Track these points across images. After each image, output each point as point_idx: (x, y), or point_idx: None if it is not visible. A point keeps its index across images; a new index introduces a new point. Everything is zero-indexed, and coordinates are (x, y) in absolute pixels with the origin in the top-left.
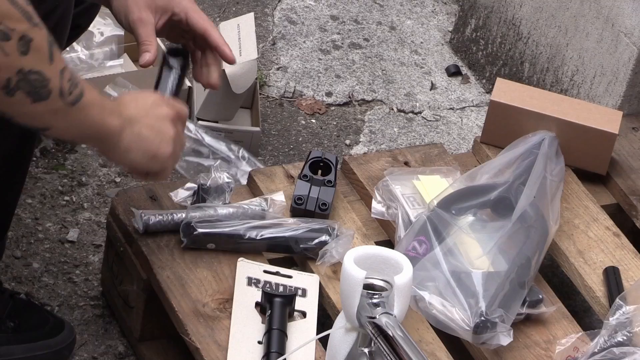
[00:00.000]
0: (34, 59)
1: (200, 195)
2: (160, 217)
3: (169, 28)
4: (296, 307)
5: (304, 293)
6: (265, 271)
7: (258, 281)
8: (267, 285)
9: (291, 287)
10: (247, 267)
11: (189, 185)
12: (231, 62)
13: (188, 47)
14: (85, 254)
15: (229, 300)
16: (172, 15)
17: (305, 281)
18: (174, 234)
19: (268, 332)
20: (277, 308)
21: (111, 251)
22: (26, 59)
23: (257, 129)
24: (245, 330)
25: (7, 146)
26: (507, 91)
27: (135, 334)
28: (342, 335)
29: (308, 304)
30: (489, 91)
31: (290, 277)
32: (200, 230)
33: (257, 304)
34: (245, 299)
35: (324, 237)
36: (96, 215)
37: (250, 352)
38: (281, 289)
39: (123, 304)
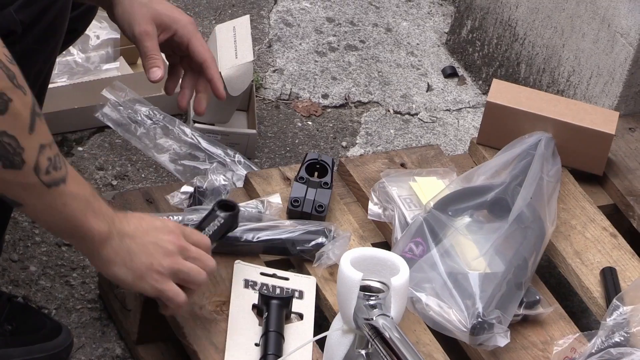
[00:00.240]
0: (10, 122)
1: (197, 198)
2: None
3: (165, 44)
4: (293, 309)
5: (300, 295)
6: (262, 273)
7: (255, 283)
8: (264, 287)
9: (288, 289)
10: (244, 270)
11: (185, 188)
12: (221, 98)
13: (177, 65)
14: (82, 257)
15: (226, 302)
16: (173, 35)
17: (302, 283)
18: None
19: (265, 335)
20: (274, 310)
21: None
22: (1, 119)
23: (254, 131)
24: (242, 333)
25: None
26: (503, 92)
27: (133, 336)
28: (339, 337)
29: (305, 306)
30: (485, 92)
31: (287, 279)
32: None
33: (254, 306)
34: (242, 301)
35: (320, 239)
36: None
37: (247, 354)
38: (278, 291)
39: (120, 306)
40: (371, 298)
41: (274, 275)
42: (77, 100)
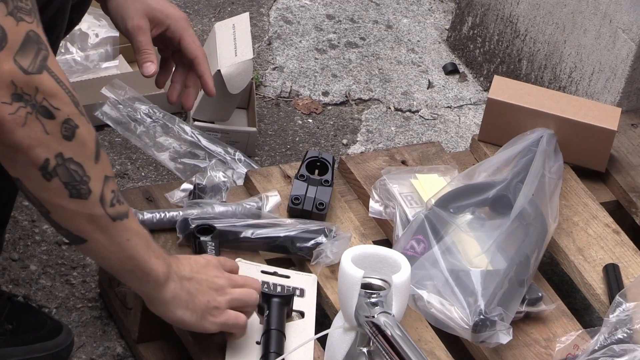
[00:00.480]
0: (77, 149)
1: (197, 195)
2: (156, 214)
3: (157, 39)
4: (294, 307)
5: (302, 293)
6: (263, 271)
7: None
8: (265, 285)
9: (289, 287)
10: (245, 268)
11: (184, 186)
12: (210, 94)
13: (169, 58)
14: (83, 256)
15: None
16: (165, 30)
17: (303, 281)
18: (170, 233)
19: (266, 333)
20: (275, 308)
21: None
22: (68, 145)
23: (254, 129)
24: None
25: None
26: (504, 89)
27: (134, 335)
28: (340, 334)
29: (306, 304)
30: (487, 89)
31: (288, 277)
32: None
33: None
34: None
35: (320, 238)
36: None
37: (248, 352)
38: (279, 289)
39: (121, 305)
40: (372, 296)
41: (275, 274)
42: None
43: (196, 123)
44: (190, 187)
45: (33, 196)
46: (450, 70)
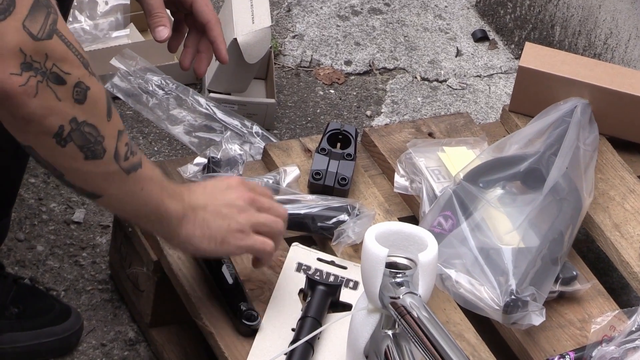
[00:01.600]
0: (90, 111)
1: (211, 169)
2: None
3: (169, 1)
4: (344, 300)
5: (355, 286)
6: (319, 259)
7: (308, 268)
8: (317, 273)
9: (343, 278)
10: (300, 253)
11: (198, 160)
12: (223, 61)
13: (182, 21)
14: (92, 235)
15: (267, 283)
16: None
17: (359, 274)
18: None
19: (301, 320)
20: (317, 296)
21: (119, 232)
22: (81, 108)
23: (272, 100)
24: (280, 316)
25: None
26: (536, 56)
27: (146, 319)
28: (364, 317)
29: (357, 298)
30: (518, 57)
31: (344, 268)
32: None
33: (300, 291)
34: (290, 284)
35: (342, 216)
36: None
37: (280, 337)
38: (332, 279)
39: (133, 287)
40: (398, 275)
41: (332, 263)
42: None
43: (211, 95)
44: (204, 160)
45: (46, 162)
46: (480, 37)
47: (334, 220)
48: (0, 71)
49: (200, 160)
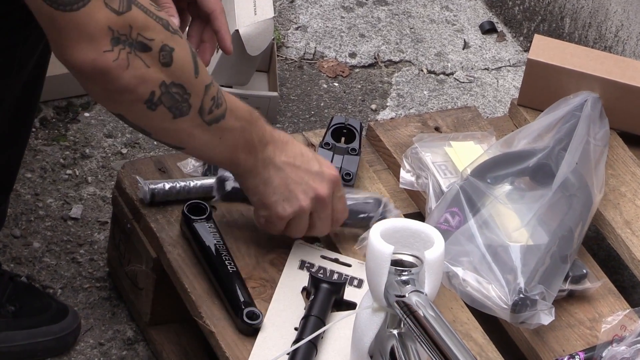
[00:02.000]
0: (177, 72)
1: (212, 165)
2: (168, 184)
3: None
4: (347, 298)
5: (359, 284)
6: (322, 256)
7: (312, 265)
8: (321, 270)
9: (347, 276)
10: (303, 250)
11: None
12: (227, 52)
13: (184, 10)
14: (90, 231)
15: (270, 280)
16: None
17: (364, 272)
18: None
19: (305, 318)
20: (321, 294)
21: (118, 228)
22: (169, 71)
23: (275, 94)
24: (283, 315)
25: (12, 94)
26: (546, 49)
27: (145, 317)
28: (368, 316)
29: (362, 296)
30: (527, 49)
31: (349, 265)
32: (234, 184)
33: (304, 289)
34: (293, 282)
35: (371, 213)
36: (101, 189)
37: (283, 337)
38: (335, 276)
39: (131, 285)
40: (403, 273)
41: (336, 260)
42: None
43: None
44: None
45: (135, 125)
46: (488, 29)
47: (362, 216)
48: (95, 51)
49: None
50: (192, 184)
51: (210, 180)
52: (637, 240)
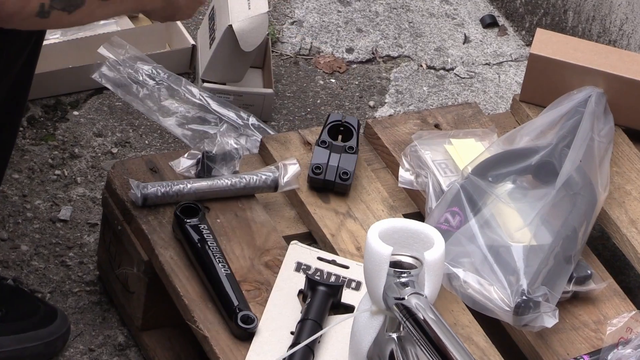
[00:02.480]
0: None
1: (205, 164)
2: (160, 186)
3: None
4: (345, 301)
5: (357, 287)
6: (319, 258)
7: (308, 268)
8: (317, 273)
9: (344, 278)
10: (299, 252)
11: (191, 153)
12: None
13: None
14: (80, 234)
15: (265, 283)
16: None
17: (362, 274)
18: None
19: (301, 322)
20: (318, 297)
21: (108, 230)
22: None
23: (270, 90)
24: (279, 319)
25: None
26: (548, 43)
27: (137, 322)
28: (366, 319)
29: (360, 299)
30: (529, 43)
31: (346, 267)
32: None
33: (300, 292)
34: (289, 285)
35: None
36: (91, 190)
37: (279, 341)
38: (333, 279)
39: (122, 289)
40: (402, 275)
41: (333, 262)
42: (71, 58)
43: (205, 84)
44: (198, 155)
45: (34, 32)
46: (489, 23)
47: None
48: None
49: (194, 153)
50: (187, 187)
51: (205, 183)
52: None
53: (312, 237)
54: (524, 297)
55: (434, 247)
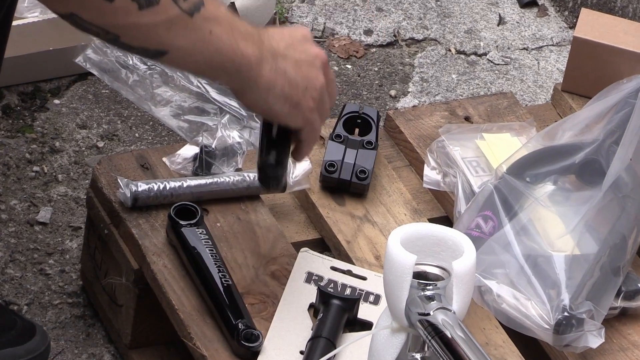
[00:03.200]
0: None
1: (204, 160)
2: (153, 185)
3: None
4: (362, 316)
5: (376, 300)
6: (333, 268)
7: (320, 279)
8: (331, 284)
9: (362, 290)
10: (310, 260)
11: (187, 149)
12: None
13: None
14: (61, 238)
15: (271, 296)
16: None
17: (381, 286)
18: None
19: (312, 340)
20: (332, 312)
21: (93, 235)
22: None
23: None
24: (286, 336)
25: None
26: (595, 25)
27: (125, 339)
28: (387, 337)
29: (379, 314)
30: (573, 26)
31: (364, 278)
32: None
33: (311, 306)
34: (299, 298)
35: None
36: (74, 189)
37: None
38: (348, 291)
39: (109, 301)
40: (427, 287)
41: (348, 272)
42: (52, 40)
43: None
44: (195, 150)
45: (95, 26)
46: (527, 2)
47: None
48: None
49: (191, 149)
50: (182, 186)
51: (204, 181)
52: None
53: (324, 244)
54: (566, 314)
55: (464, 256)
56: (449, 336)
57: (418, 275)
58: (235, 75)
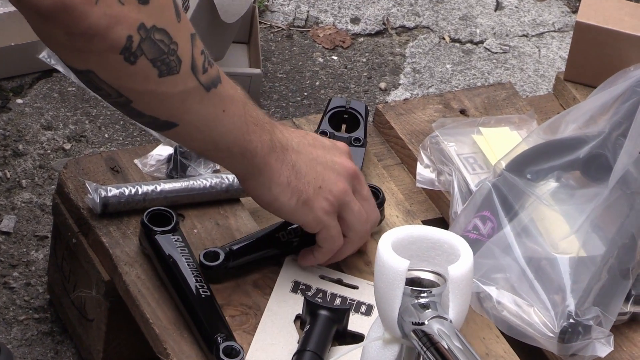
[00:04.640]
0: (157, 11)
1: (178, 162)
2: (124, 189)
3: None
4: (352, 328)
5: (368, 311)
6: (322, 277)
7: (308, 288)
8: (319, 294)
9: (353, 300)
10: (297, 268)
11: (160, 149)
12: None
13: None
14: (26, 249)
15: (253, 307)
16: None
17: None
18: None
19: (298, 354)
20: (319, 324)
21: (60, 244)
22: (147, 9)
23: (258, 70)
24: (270, 350)
25: None
26: (599, 9)
27: (97, 356)
28: (378, 349)
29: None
30: (575, 10)
31: (355, 287)
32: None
33: (297, 318)
34: (284, 308)
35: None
36: (39, 196)
37: None
38: (338, 301)
39: (79, 315)
40: (422, 295)
41: (339, 282)
42: (14, 34)
43: None
44: (169, 150)
45: (109, 87)
46: None
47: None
48: None
49: (164, 150)
50: (156, 190)
51: (179, 184)
52: None
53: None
54: (572, 321)
55: (460, 260)
56: (446, 347)
57: (411, 281)
58: (240, 159)
